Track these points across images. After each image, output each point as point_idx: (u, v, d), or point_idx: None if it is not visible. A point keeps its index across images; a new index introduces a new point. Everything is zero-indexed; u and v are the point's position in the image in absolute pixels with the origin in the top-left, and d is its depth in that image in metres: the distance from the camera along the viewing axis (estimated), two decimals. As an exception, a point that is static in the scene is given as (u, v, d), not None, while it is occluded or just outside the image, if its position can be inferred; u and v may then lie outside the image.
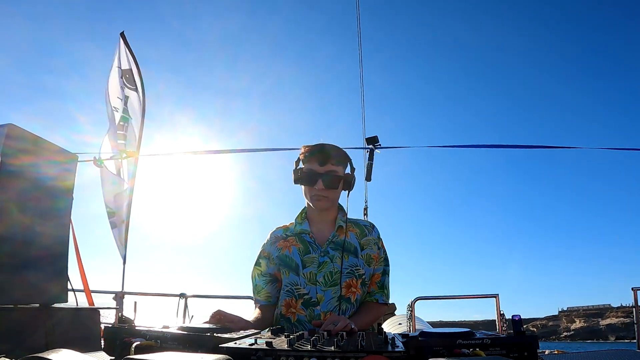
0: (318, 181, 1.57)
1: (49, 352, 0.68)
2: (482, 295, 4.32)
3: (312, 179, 1.57)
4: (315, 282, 1.58)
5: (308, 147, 1.63)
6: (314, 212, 1.69)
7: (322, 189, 1.58)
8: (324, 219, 1.69)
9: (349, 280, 1.59)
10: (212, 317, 1.36)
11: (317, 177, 1.57)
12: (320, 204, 1.62)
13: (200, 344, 0.90)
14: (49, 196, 1.30)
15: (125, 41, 4.85)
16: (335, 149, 1.62)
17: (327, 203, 1.63)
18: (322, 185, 1.57)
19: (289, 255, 1.63)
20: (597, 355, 2.17)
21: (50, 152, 1.31)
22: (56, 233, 1.32)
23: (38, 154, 1.26)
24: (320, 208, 1.64)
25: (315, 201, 1.61)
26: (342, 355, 0.79)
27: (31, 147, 1.23)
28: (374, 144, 4.04)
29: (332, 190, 1.60)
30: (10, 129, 1.15)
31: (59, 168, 1.35)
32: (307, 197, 1.65)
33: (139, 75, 4.78)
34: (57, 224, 1.32)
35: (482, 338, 0.87)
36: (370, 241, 1.68)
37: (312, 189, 1.59)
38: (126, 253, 4.50)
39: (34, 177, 1.24)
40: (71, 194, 1.44)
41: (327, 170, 1.57)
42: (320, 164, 1.58)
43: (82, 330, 1.31)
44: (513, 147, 5.48)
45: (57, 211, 1.33)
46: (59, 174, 1.34)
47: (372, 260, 1.66)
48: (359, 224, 1.73)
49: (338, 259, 1.59)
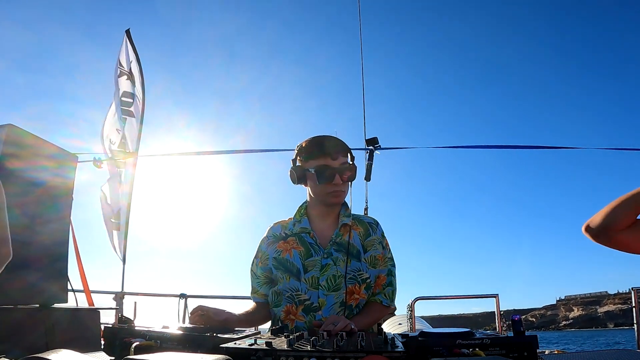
0: (336, 176, 1.50)
1: (49, 352, 0.68)
2: (482, 295, 4.32)
3: (330, 175, 1.50)
4: (317, 287, 1.50)
5: (308, 142, 1.56)
6: (316, 209, 1.62)
7: (341, 184, 1.52)
8: (327, 216, 1.62)
9: (352, 286, 1.52)
10: (192, 313, 1.34)
11: (334, 171, 1.50)
12: (339, 199, 1.56)
13: (200, 344, 0.90)
14: (49, 197, 1.30)
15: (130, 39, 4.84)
16: (338, 140, 1.56)
17: (344, 196, 1.57)
18: (340, 179, 1.50)
19: (290, 260, 1.55)
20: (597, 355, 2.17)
21: (50, 153, 1.31)
22: (56, 233, 1.32)
23: (38, 154, 1.26)
24: (337, 204, 1.58)
25: (333, 197, 1.54)
26: (342, 356, 0.79)
27: (31, 147, 1.23)
28: (374, 145, 4.04)
29: (347, 182, 1.55)
30: (10, 130, 1.15)
31: (58, 168, 1.35)
32: (319, 195, 1.56)
33: (140, 75, 4.78)
34: (57, 225, 1.32)
35: (481, 338, 0.87)
36: (375, 241, 1.60)
37: (330, 186, 1.51)
38: (126, 254, 4.50)
39: (34, 178, 1.24)
40: (71, 194, 1.44)
41: (341, 164, 1.52)
42: (332, 158, 1.51)
43: (82, 331, 1.31)
44: (513, 147, 5.48)
45: (57, 211, 1.34)
46: (59, 175, 1.35)
47: (377, 262, 1.59)
48: (362, 221, 1.64)
49: (341, 262, 1.52)
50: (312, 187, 1.57)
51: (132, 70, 4.78)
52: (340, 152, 1.53)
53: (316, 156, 1.52)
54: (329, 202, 1.56)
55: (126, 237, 4.49)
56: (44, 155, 1.28)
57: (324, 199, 1.56)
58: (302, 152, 1.56)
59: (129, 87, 4.75)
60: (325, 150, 1.51)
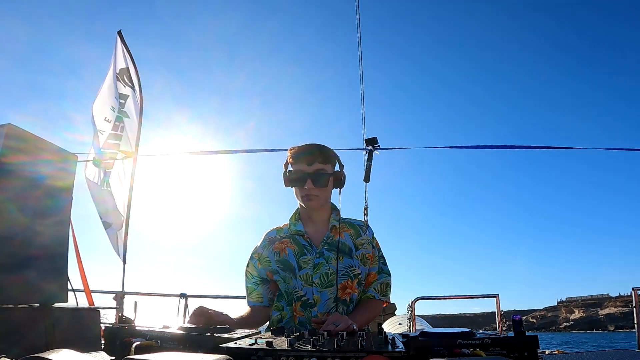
0: (307, 180, 1.58)
1: (49, 352, 0.68)
2: (482, 295, 4.32)
3: (301, 179, 1.59)
4: (311, 284, 1.59)
5: (294, 148, 1.65)
6: (307, 213, 1.71)
7: (312, 188, 1.59)
8: (318, 219, 1.71)
9: (345, 282, 1.61)
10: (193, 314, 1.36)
11: (306, 176, 1.59)
12: (311, 203, 1.63)
13: (200, 344, 0.90)
14: (49, 196, 1.30)
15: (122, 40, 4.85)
16: (321, 148, 1.64)
17: (318, 202, 1.64)
18: (312, 184, 1.59)
19: (285, 258, 1.64)
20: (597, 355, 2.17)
21: (49, 152, 1.31)
22: (56, 233, 1.32)
23: (37, 153, 1.26)
24: (312, 207, 1.65)
25: (306, 201, 1.63)
26: (342, 355, 0.79)
27: (30, 147, 1.23)
28: (373, 145, 4.04)
29: (322, 188, 1.61)
30: (10, 129, 1.15)
31: (58, 168, 1.35)
32: (298, 198, 1.66)
33: (136, 74, 4.78)
34: (56, 224, 1.32)
35: (482, 338, 0.87)
36: (365, 241, 1.70)
37: (303, 189, 1.61)
38: (126, 253, 4.50)
39: (34, 177, 1.24)
40: (70, 193, 1.44)
41: (315, 170, 1.59)
42: (307, 164, 1.60)
43: (82, 330, 1.31)
44: (513, 147, 5.47)
45: (57, 211, 1.33)
46: (59, 174, 1.34)
47: (367, 260, 1.68)
48: (353, 224, 1.74)
49: (333, 260, 1.61)
50: (294, 190, 1.68)
51: (130, 71, 4.77)
52: (318, 159, 1.61)
53: (295, 161, 1.63)
54: (305, 205, 1.65)
55: (126, 233, 4.49)
56: (44, 154, 1.28)
57: (301, 202, 1.66)
58: (289, 157, 1.67)
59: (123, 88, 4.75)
60: (303, 157, 1.61)
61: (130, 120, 4.75)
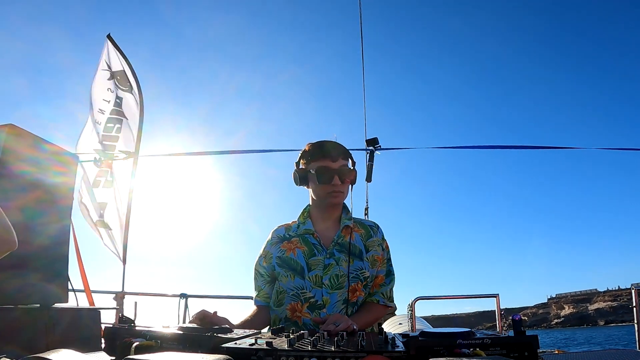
0: (334, 177, 1.58)
1: (49, 352, 0.68)
2: (482, 295, 4.32)
3: (329, 176, 1.58)
4: (321, 285, 1.56)
5: (312, 145, 1.64)
6: (318, 211, 1.68)
7: (339, 184, 1.59)
8: (329, 218, 1.68)
9: (354, 284, 1.58)
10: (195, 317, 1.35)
11: (333, 172, 1.58)
12: (337, 200, 1.62)
13: (200, 344, 0.90)
14: (49, 196, 1.30)
15: (113, 42, 4.82)
16: (339, 144, 1.65)
17: (343, 198, 1.64)
18: (339, 180, 1.58)
19: (294, 258, 1.61)
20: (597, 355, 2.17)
21: (50, 153, 1.31)
22: (56, 233, 1.32)
23: (38, 154, 1.26)
24: (337, 203, 1.65)
25: (332, 198, 1.61)
26: (343, 355, 0.79)
27: (31, 147, 1.23)
28: (374, 145, 4.04)
29: (347, 184, 1.62)
30: (11, 129, 1.15)
31: (59, 168, 1.35)
32: (319, 195, 1.63)
33: (133, 76, 4.76)
34: (57, 224, 1.32)
35: (482, 338, 0.86)
36: (375, 242, 1.67)
37: (329, 186, 1.59)
38: (126, 253, 4.49)
39: (35, 178, 1.24)
40: (71, 194, 1.44)
41: (340, 166, 1.60)
42: (332, 160, 1.59)
43: (82, 331, 1.31)
44: (514, 147, 5.48)
45: (58, 211, 1.34)
46: (59, 174, 1.35)
47: (376, 262, 1.65)
48: (364, 224, 1.72)
49: (344, 262, 1.58)
50: (313, 188, 1.65)
51: (126, 73, 4.76)
52: (341, 155, 1.61)
53: (317, 158, 1.61)
54: (329, 202, 1.63)
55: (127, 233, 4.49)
56: (45, 155, 1.28)
57: (324, 200, 1.63)
58: (305, 154, 1.65)
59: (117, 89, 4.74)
60: (326, 153, 1.60)
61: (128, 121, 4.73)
